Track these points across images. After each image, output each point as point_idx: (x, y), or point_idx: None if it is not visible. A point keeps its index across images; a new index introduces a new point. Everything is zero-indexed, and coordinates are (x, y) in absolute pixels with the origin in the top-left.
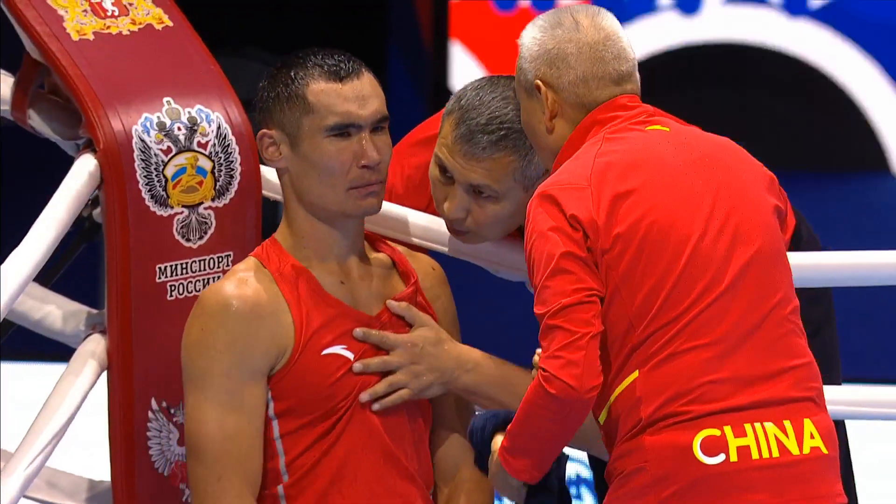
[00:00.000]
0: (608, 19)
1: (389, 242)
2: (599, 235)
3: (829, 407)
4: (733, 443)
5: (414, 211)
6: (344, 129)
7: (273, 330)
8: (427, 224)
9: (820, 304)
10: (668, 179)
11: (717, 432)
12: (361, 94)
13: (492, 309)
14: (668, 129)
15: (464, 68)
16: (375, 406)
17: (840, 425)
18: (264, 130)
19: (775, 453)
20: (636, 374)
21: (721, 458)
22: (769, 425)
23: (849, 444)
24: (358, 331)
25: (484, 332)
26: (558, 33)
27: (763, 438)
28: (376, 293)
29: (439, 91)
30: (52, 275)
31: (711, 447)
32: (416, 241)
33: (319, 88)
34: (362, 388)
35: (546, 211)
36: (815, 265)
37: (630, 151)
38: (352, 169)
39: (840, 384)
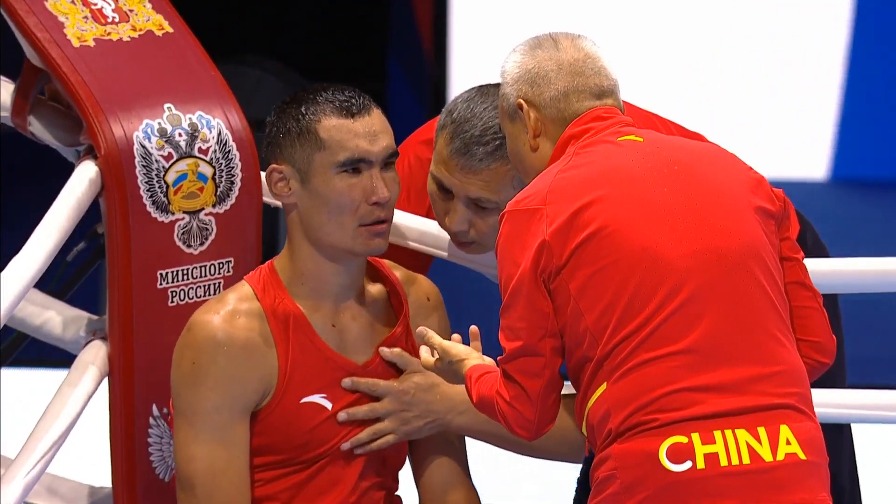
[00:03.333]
0: (588, 41)
1: (389, 268)
2: (553, 254)
3: (835, 411)
4: (700, 450)
5: (411, 216)
6: (355, 165)
7: (261, 369)
8: (425, 229)
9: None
10: (629, 190)
11: (683, 440)
12: (372, 130)
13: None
14: (641, 140)
15: (464, 75)
16: (358, 451)
17: (846, 431)
18: (274, 165)
19: (746, 460)
20: (604, 386)
21: (688, 465)
22: (741, 432)
23: (854, 449)
24: (346, 381)
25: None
26: (538, 53)
27: (733, 445)
28: (367, 337)
29: (439, 97)
30: (65, 290)
31: (678, 454)
32: (413, 245)
33: (331, 124)
34: (341, 439)
35: (504, 234)
36: (816, 272)
37: (594, 164)
38: (361, 205)
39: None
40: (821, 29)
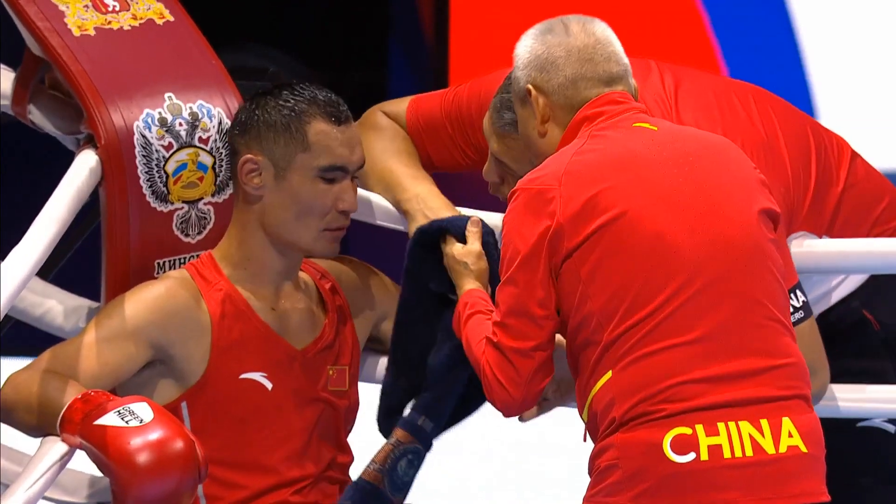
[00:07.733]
0: (600, 26)
1: (312, 262)
2: (566, 237)
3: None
4: (704, 441)
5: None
6: (333, 174)
7: (188, 330)
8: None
9: None
10: (644, 177)
11: (688, 431)
12: (353, 141)
13: None
14: (655, 128)
15: (465, 64)
16: None
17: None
18: (249, 156)
19: (749, 452)
20: (609, 374)
21: (691, 456)
22: (744, 424)
23: None
24: None
25: None
26: (548, 38)
27: (737, 437)
28: (306, 322)
29: (440, 86)
30: (51, 266)
31: (682, 446)
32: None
33: (320, 129)
34: (283, 424)
35: (515, 210)
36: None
37: (608, 149)
38: (330, 212)
39: None
40: None
